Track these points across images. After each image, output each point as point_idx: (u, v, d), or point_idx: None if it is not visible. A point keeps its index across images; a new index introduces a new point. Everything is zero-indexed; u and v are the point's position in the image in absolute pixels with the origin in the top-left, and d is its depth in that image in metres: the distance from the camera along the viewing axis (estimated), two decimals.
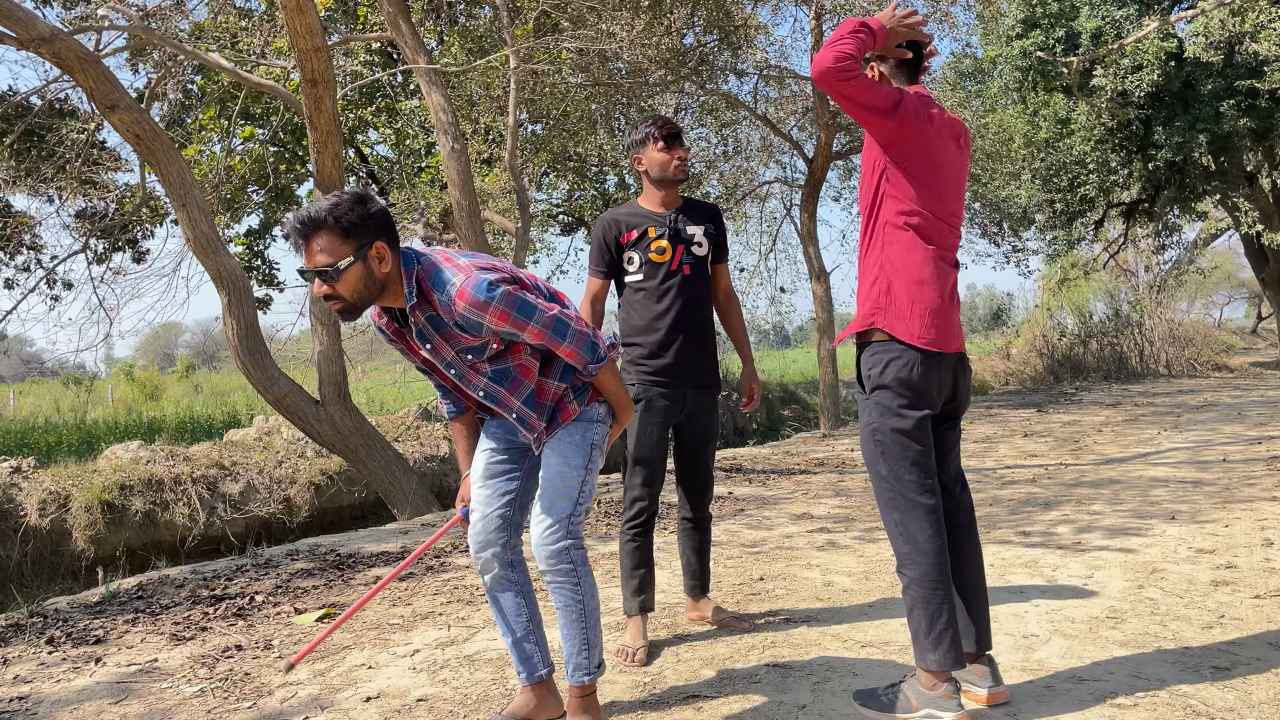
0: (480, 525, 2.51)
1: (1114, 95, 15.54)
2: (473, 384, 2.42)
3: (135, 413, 18.99)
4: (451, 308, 2.23)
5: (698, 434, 3.27)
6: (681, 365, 3.20)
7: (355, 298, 2.22)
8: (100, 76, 6.33)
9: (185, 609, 3.91)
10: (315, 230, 2.18)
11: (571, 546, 2.39)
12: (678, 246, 3.23)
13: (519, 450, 2.56)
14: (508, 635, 2.56)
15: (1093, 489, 6.01)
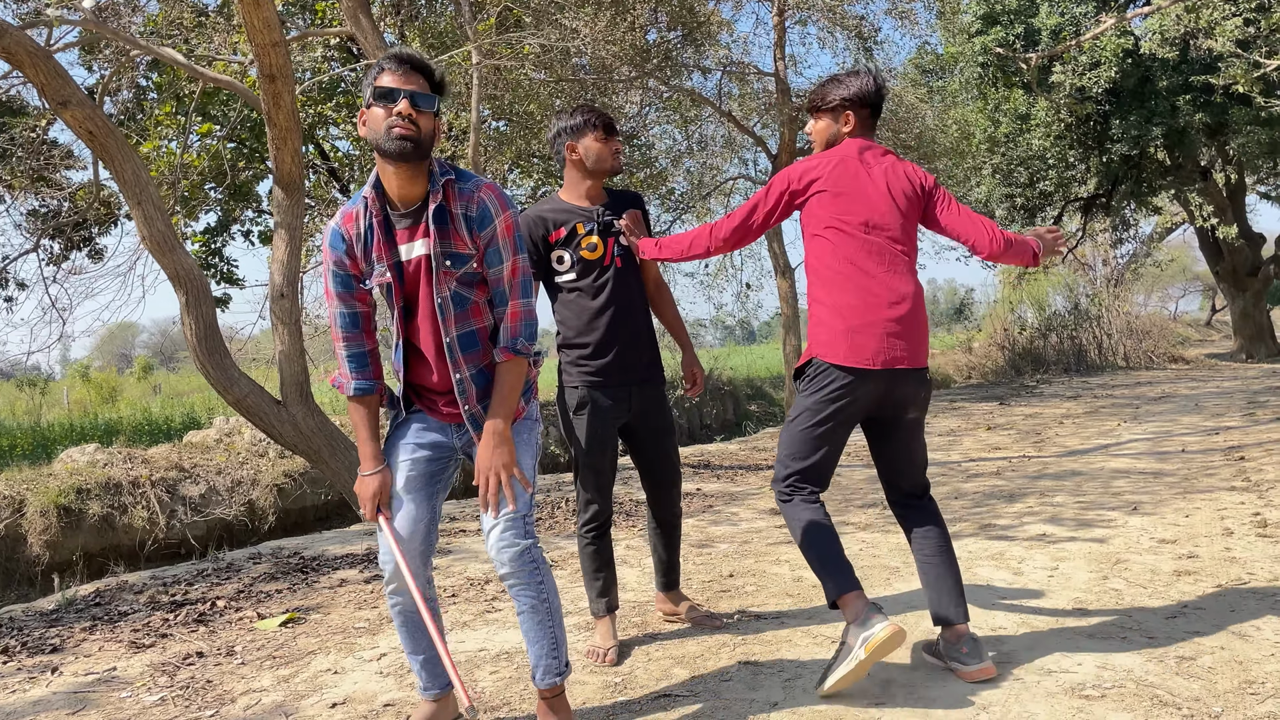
0: (406, 543, 2.41)
1: (1072, 91, 15.73)
2: (438, 290, 2.33)
3: (91, 415, 18.65)
4: (475, 193, 2.32)
5: (652, 430, 3.23)
6: (625, 362, 3.14)
7: (425, 136, 2.27)
8: (51, 72, 6.17)
9: (145, 615, 3.82)
10: (423, 71, 2.30)
11: (532, 545, 2.36)
12: (608, 240, 3.16)
13: (443, 458, 2.47)
14: (417, 654, 2.50)
15: (1056, 481, 6.07)
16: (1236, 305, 20.60)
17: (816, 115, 2.96)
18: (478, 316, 2.39)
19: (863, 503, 5.68)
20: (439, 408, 2.46)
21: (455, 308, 2.36)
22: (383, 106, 2.24)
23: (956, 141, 15.52)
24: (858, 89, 2.87)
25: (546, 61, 11.06)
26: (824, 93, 2.92)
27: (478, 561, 4.49)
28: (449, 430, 2.47)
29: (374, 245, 2.35)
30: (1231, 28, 13.98)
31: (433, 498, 2.46)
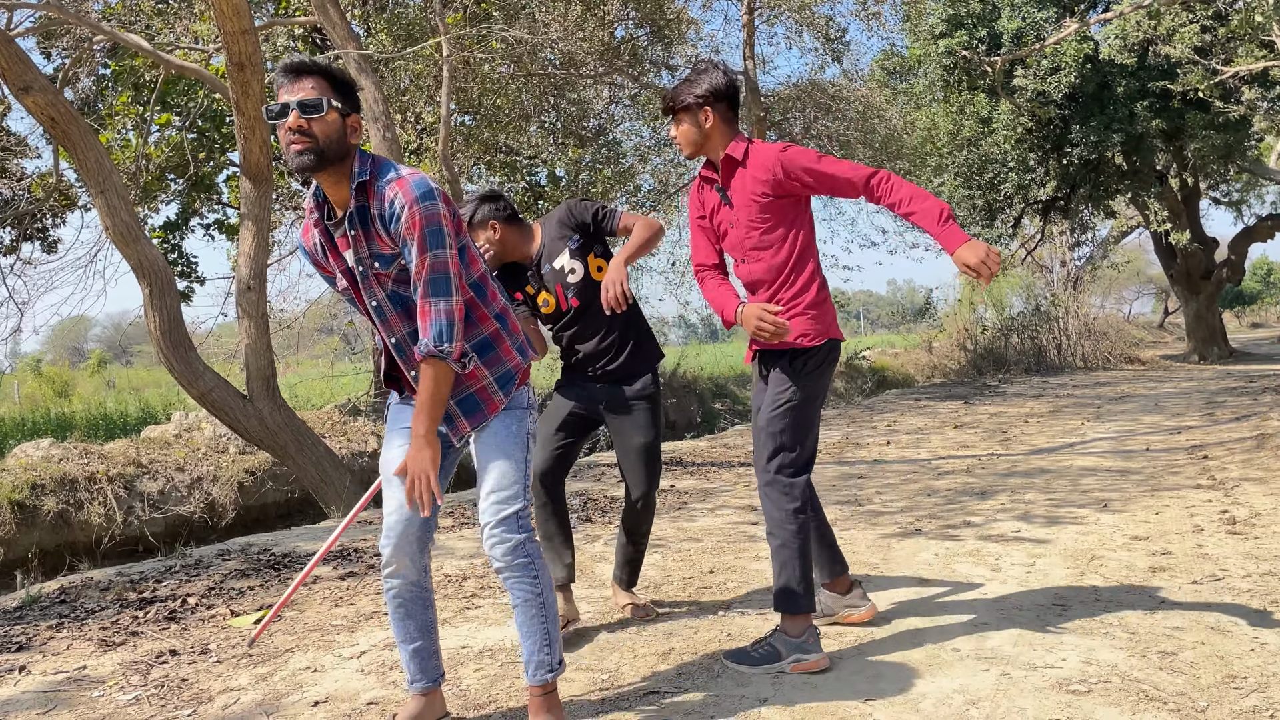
0: (401, 528, 2.39)
1: (1034, 95, 15.93)
2: (371, 293, 2.32)
3: (43, 409, 18.25)
4: (383, 193, 2.22)
5: (632, 424, 3.27)
6: (596, 365, 3.28)
7: (325, 143, 2.18)
8: (12, 56, 6.01)
9: (113, 613, 3.73)
10: (311, 74, 2.21)
11: (527, 540, 2.34)
12: (555, 286, 3.25)
13: (440, 446, 2.38)
14: (408, 643, 2.47)
15: (1025, 479, 6.14)
16: (1190, 308, 21.00)
17: (676, 118, 2.95)
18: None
19: (837, 499, 5.70)
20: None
21: (395, 307, 2.33)
22: (280, 125, 2.19)
23: (921, 143, 15.66)
24: (710, 85, 2.89)
25: (515, 55, 10.98)
26: (677, 94, 2.94)
27: (454, 558, 4.44)
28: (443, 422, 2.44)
29: (328, 254, 2.36)
30: (1190, 35, 14.24)
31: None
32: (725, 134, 2.92)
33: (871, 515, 5.16)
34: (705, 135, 2.91)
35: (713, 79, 2.90)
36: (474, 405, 2.39)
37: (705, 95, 2.88)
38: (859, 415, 11.29)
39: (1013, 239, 23.36)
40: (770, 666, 2.81)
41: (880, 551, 4.31)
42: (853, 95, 14.14)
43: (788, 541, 2.83)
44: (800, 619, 2.83)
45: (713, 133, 2.91)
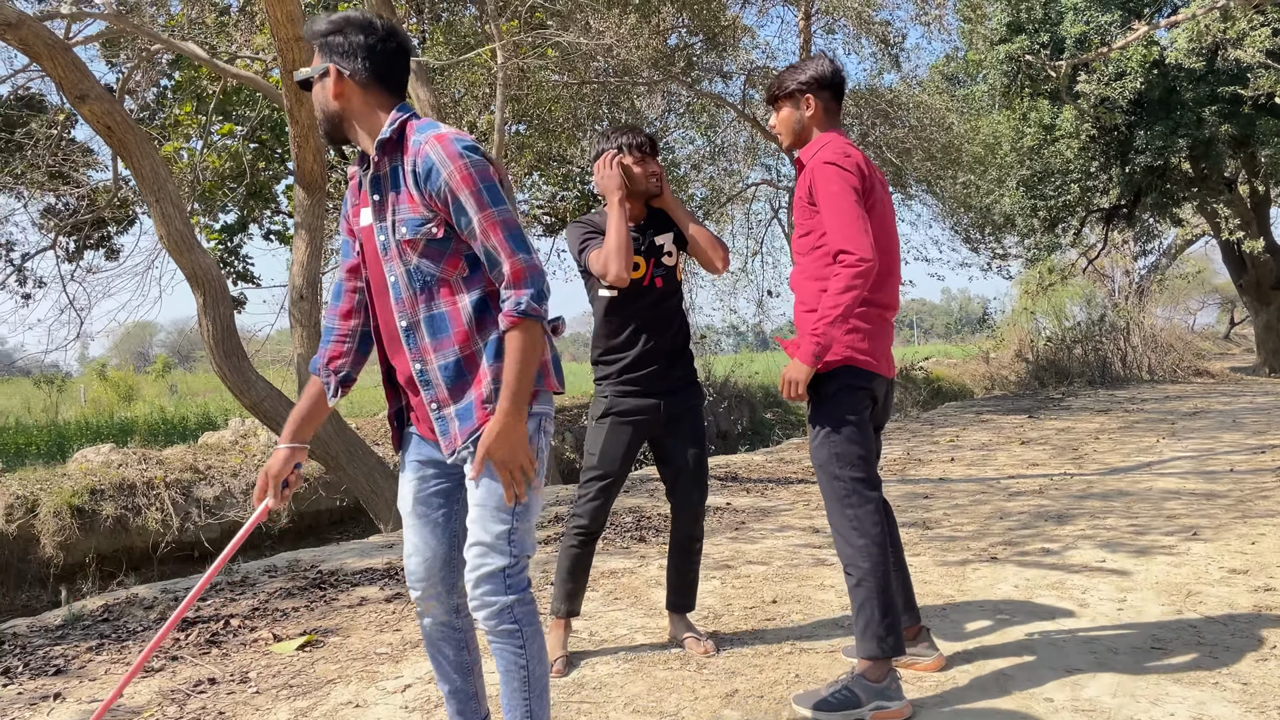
0: (422, 568, 2.14)
1: (1098, 101, 15.48)
2: (390, 267, 2.01)
3: (108, 413, 18.54)
4: (420, 148, 1.96)
5: (683, 438, 3.12)
6: (655, 374, 3.09)
7: (319, 117, 2.07)
8: (69, 65, 6.01)
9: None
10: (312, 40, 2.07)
11: (515, 603, 1.99)
12: (650, 260, 3.11)
13: (455, 473, 2.15)
14: (445, 683, 2.23)
15: (1104, 501, 5.82)
16: (1260, 319, 20.25)
17: (777, 105, 2.88)
18: (448, 296, 2.01)
19: (904, 520, 5.44)
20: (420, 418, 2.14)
21: (414, 286, 2.01)
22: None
23: (983, 151, 15.27)
24: (814, 72, 2.81)
25: (569, 64, 10.88)
26: (781, 80, 2.86)
27: None
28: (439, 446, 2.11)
29: (349, 209, 2.14)
30: (1261, 38, 13.70)
31: (451, 519, 2.15)
32: (825, 126, 2.81)
33: (942, 540, 4.90)
34: (805, 125, 2.82)
35: (819, 66, 2.83)
36: (469, 415, 2.03)
37: (809, 82, 2.80)
38: (918, 429, 10.96)
39: (1073, 247, 22.79)
40: (850, 713, 2.59)
41: (955, 581, 4.06)
42: (911, 102, 13.82)
43: (863, 579, 2.63)
44: (882, 663, 2.61)
45: (812, 123, 2.81)
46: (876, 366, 2.72)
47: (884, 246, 2.72)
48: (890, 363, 2.81)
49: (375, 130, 2.02)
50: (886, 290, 2.77)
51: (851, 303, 2.54)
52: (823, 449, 2.70)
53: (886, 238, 2.75)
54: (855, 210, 2.59)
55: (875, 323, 2.73)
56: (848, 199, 2.60)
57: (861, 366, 2.69)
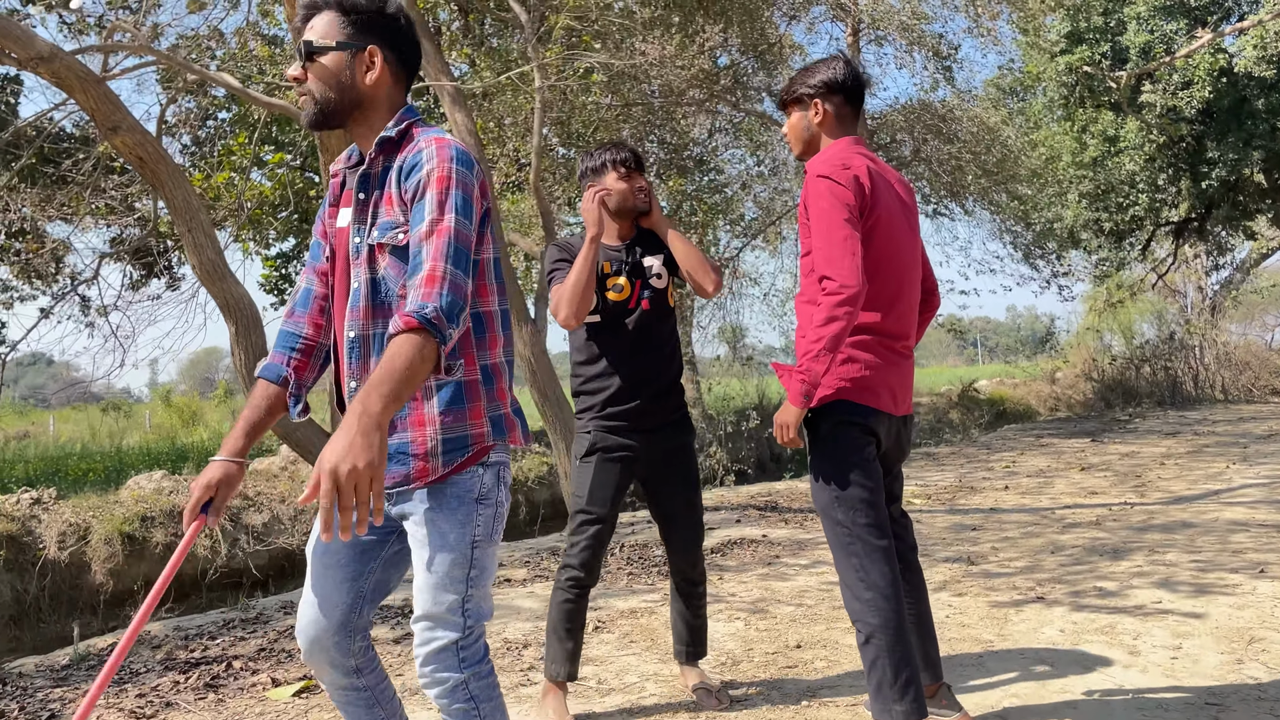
0: (314, 626, 1.89)
1: (1164, 112, 14.98)
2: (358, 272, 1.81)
3: (169, 440, 18.87)
4: (416, 143, 1.79)
5: (671, 481, 2.92)
6: (644, 408, 2.86)
7: (322, 94, 1.80)
8: (102, 97, 6.05)
9: (156, 677, 3.52)
10: (320, 8, 1.83)
11: (470, 679, 1.78)
12: (635, 281, 2.90)
13: (385, 527, 1.90)
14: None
15: (1165, 534, 5.47)
16: None
17: (787, 111, 2.67)
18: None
19: (947, 555, 5.16)
20: None
21: (372, 298, 1.80)
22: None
23: (1042, 165, 14.85)
24: (825, 76, 2.57)
25: (614, 86, 10.80)
26: (791, 84, 2.64)
27: (519, 619, 4.11)
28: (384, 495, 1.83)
29: (328, 207, 1.95)
30: None
31: (359, 578, 1.89)
32: (836, 133, 2.58)
33: (986, 577, 4.62)
34: (814, 133, 2.60)
35: (830, 69, 2.59)
36: (402, 458, 1.81)
37: (818, 86, 2.57)
38: (975, 453, 10.58)
39: (1142, 263, 22.10)
40: None
41: (996, 624, 3.79)
42: (966, 116, 13.49)
43: (872, 635, 2.38)
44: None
45: (821, 130, 2.59)
46: (877, 401, 2.47)
47: (889, 270, 2.48)
48: (900, 398, 2.54)
49: (380, 126, 1.85)
50: (893, 317, 2.51)
51: (835, 335, 2.31)
52: (823, 493, 2.47)
53: (894, 260, 2.50)
54: (842, 231, 2.35)
55: (878, 354, 2.48)
56: (836, 218, 2.37)
57: (857, 402, 2.45)
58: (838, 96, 2.58)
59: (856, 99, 2.60)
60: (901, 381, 2.54)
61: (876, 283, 2.46)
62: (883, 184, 2.52)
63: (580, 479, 2.86)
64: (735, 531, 6.12)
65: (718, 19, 10.99)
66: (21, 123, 7.51)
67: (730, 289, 15.37)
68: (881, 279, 2.47)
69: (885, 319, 2.49)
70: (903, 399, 2.55)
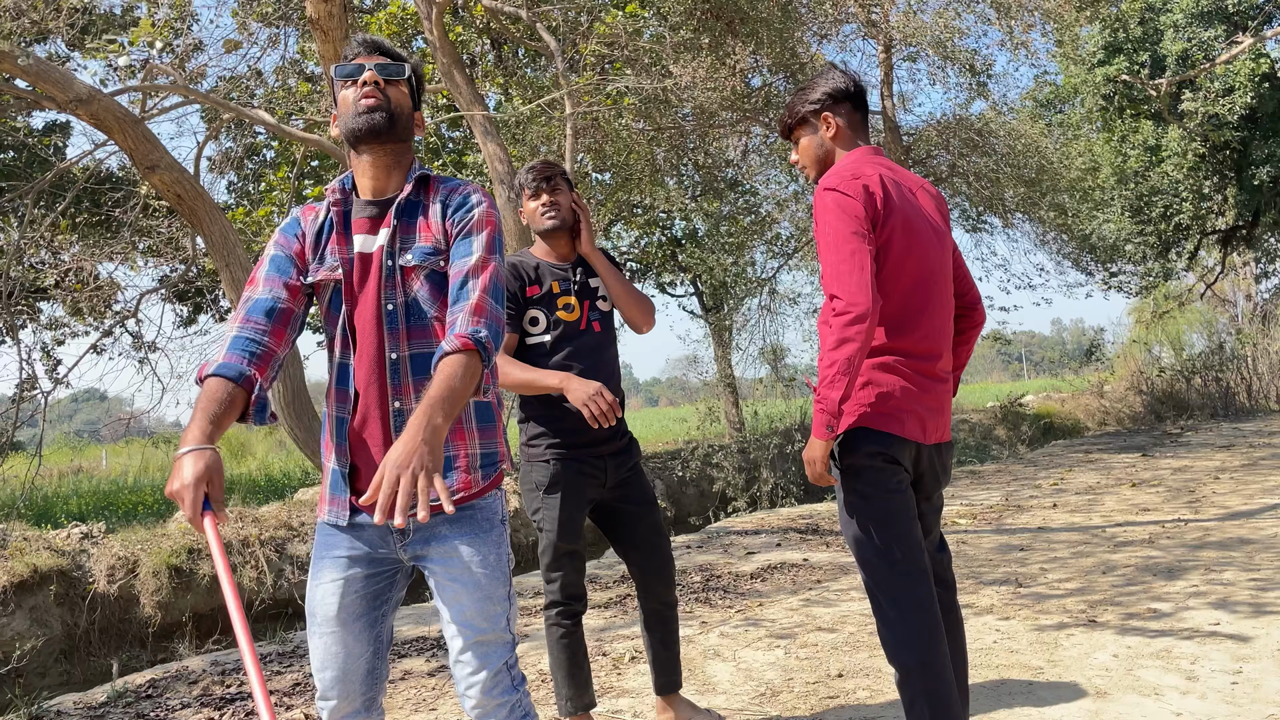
0: (340, 684, 1.87)
1: (1205, 119, 14.72)
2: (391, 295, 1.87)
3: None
4: (461, 187, 1.95)
5: (634, 502, 2.87)
6: (603, 433, 2.81)
7: (397, 110, 1.93)
8: (140, 137, 6.17)
9: (191, 713, 3.51)
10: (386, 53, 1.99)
11: (522, 697, 1.87)
12: (584, 302, 2.85)
13: (385, 573, 1.92)
14: None
15: (1221, 551, 5.29)
16: None
17: (794, 137, 2.53)
18: (440, 338, 1.89)
19: (994, 578, 5.03)
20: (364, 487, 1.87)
21: (409, 320, 1.88)
22: (349, 86, 1.92)
23: (1082, 175, 14.63)
24: (827, 87, 2.45)
25: (645, 110, 10.82)
26: (791, 108, 2.51)
27: None
28: (386, 534, 1.88)
29: (330, 237, 1.93)
30: None
31: (376, 624, 1.92)
32: (850, 144, 2.45)
33: (1035, 600, 4.49)
34: (828, 149, 2.46)
35: (830, 79, 2.47)
36: (448, 473, 1.88)
37: (822, 99, 2.45)
38: (1021, 470, 10.37)
39: (1189, 272, 21.69)
40: None
41: (1045, 650, 3.67)
42: (1002, 129, 13.35)
43: (910, 673, 2.25)
44: None
45: (835, 144, 2.46)
46: (902, 429, 2.29)
47: (911, 285, 2.32)
48: (931, 424, 2.35)
49: (406, 163, 1.98)
50: (918, 336, 2.32)
51: (848, 358, 2.16)
52: (849, 527, 2.35)
53: (917, 273, 2.32)
54: (848, 245, 2.21)
55: (903, 376, 2.31)
56: (842, 231, 2.23)
57: (881, 430, 2.29)
58: (845, 104, 2.46)
59: (863, 104, 2.48)
60: (933, 406, 2.36)
61: (895, 299, 2.31)
62: (902, 193, 2.37)
63: (548, 512, 2.76)
64: (775, 555, 6.02)
65: (748, 40, 10.98)
66: (64, 164, 7.67)
67: (769, 309, 15.30)
68: (901, 295, 2.31)
69: (909, 338, 2.32)
70: (934, 425, 2.37)
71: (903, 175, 2.45)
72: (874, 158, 2.42)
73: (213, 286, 13.85)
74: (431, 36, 7.66)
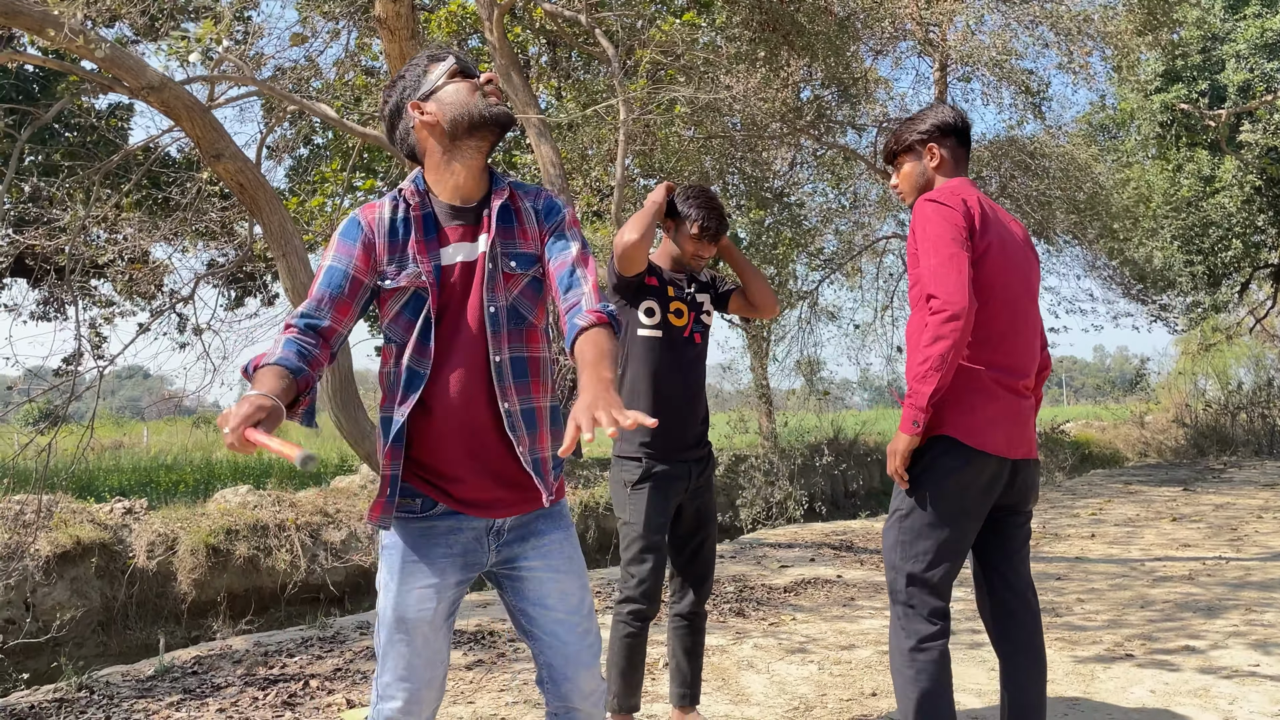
0: (426, 692, 1.86)
1: (1263, 151, 14.51)
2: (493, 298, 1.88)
3: (257, 454, 19.36)
4: (540, 193, 2.03)
5: (701, 513, 2.96)
6: (690, 438, 2.91)
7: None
8: (207, 125, 6.31)
9: (236, 691, 3.60)
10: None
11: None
12: (691, 313, 2.97)
13: (470, 578, 1.91)
14: None
15: (1263, 592, 5.23)
16: None
17: (897, 162, 2.62)
18: (533, 342, 1.94)
19: None
20: (466, 491, 1.86)
21: (510, 323, 1.90)
22: (456, 79, 1.91)
23: (1133, 203, 14.47)
24: (936, 120, 2.55)
25: (697, 118, 10.86)
26: (899, 135, 2.60)
27: None
28: (482, 537, 1.88)
29: (409, 241, 1.89)
30: None
31: (450, 632, 1.94)
32: (951, 174, 2.56)
33: (1070, 630, 4.47)
34: (930, 177, 2.56)
35: (939, 113, 2.58)
36: (540, 471, 1.90)
37: (930, 130, 2.55)
38: (1059, 498, 10.27)
39: (1239, 306, 21.36)
40: None
41: (1082, 681, 3.66)
42: (1055, 152, 13.23)
43: (903, 688, 2.29)
44: None
45: (937, 173, 2.56)
46: (982, 441, 2.32)
47: (1002, 301, 2.38)
48: (1016, 439, 2.38)
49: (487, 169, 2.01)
50: (1005, 351, 2.39)
51: (942, 354, 2.23)
52: (890, 532, 2.39)
53: (1008, 292, 2.41)
54: (950, 249, 2.29)
55: (989, 389, 2.36)
56: (944, 237, 2.31)
57: (962, 440, 2.32)
58: (950, 139, 2.56)
59: (966, 140, 2.57)
60: (1017, 420, 2.41)
61: (987, 311, 2.37)
62: (996, 220, 2.47)
63: (634, 507, 2.83)
64: (809, 570, 6.04)
65: (803, 54, 10.99)
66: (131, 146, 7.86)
67: (809, 322, 15.26)
68: (993, 309, 2.37)
69: (997, 352, 2.39)
70: (1019, 440, 2.41)
71: (996, 208, 2.53)
72: (970, 189, 2.50)
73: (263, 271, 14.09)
74: (491, 37, 7.76)
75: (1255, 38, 14.64)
